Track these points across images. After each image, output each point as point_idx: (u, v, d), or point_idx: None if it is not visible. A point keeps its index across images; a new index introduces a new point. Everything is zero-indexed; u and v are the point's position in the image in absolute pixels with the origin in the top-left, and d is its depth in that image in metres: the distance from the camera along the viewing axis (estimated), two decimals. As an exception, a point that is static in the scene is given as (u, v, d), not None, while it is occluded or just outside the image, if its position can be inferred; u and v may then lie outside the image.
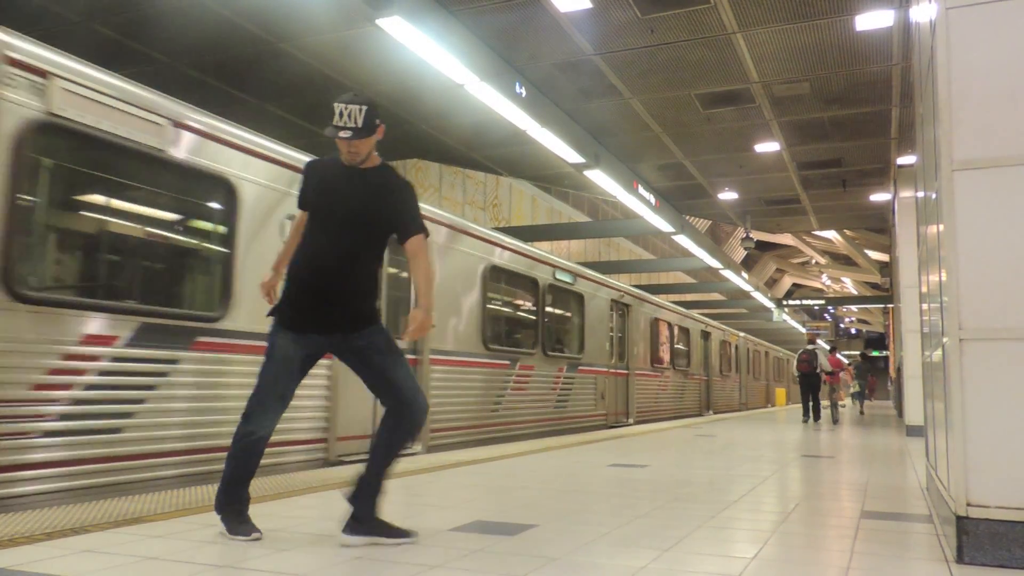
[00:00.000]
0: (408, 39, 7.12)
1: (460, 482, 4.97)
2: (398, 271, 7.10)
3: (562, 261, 11.06)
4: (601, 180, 11.73)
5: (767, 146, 12.52)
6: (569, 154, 10.45)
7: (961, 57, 3.01)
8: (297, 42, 9.09)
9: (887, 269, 25.30)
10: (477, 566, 2.72)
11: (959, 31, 3.03)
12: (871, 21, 8.18)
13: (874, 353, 49.99)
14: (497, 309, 9.23)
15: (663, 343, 15.89)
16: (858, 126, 11.51)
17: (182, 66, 9.86)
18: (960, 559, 2.84)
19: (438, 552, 2.92)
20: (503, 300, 9.52)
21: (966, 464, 2.85)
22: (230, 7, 8.26)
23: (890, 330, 24.15)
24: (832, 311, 52.10)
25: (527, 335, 10.02)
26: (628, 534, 3.35)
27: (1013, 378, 2.82)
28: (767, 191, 15.62)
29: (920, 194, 4.88)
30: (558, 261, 10.80)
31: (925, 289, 4.50)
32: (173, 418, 4.62)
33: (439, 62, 7.63)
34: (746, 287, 23.94)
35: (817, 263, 38.54)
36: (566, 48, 8.99)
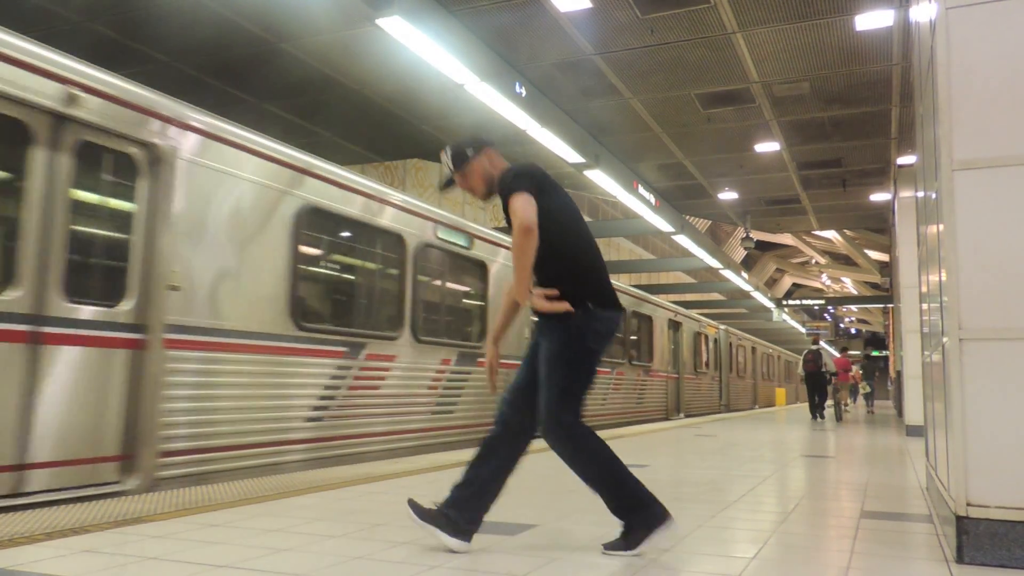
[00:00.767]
0: (408, 39, 7.13)
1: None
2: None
3: (450, 216, 8.13)
4: (601, 180, 11.73)
5: (767, 146, 12.53)
6: (569, 154, 10.46)
7: (961, 57, 3.01)
8: (297, 42, 9.09)
9: (887, 269, 25.32)
10: (477, 566, 2.72)
11: (959, 31, 3.03)
12: (871, 21, 8.18)
13: (874, 353, 50.02)
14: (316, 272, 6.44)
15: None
16: (858, 126, 11.52)
17: (182, 66, 9.86)
18: (960, 559, 2.84)
19: (438, 552, 2.92)
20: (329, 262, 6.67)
21: (966, 464, 2.85)
22: (230, 7, 8.26)
23: (890, 330, 24.13)
24: (832, 311, 52.11)
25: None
26: (628, 534, 3.34)
27: (1013, 378, 2.82)
28: (767, 191, 15.62)
29: (920, 194, 4.88)
30: (441, 215, 7.90)
31: (925, 289, 4.50)
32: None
33: (439, 62, 7.63)
34: (746, 287, 23.95)
35: (817, 263, 38.54)
36: (566, 48, 8.99)
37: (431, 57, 7.51)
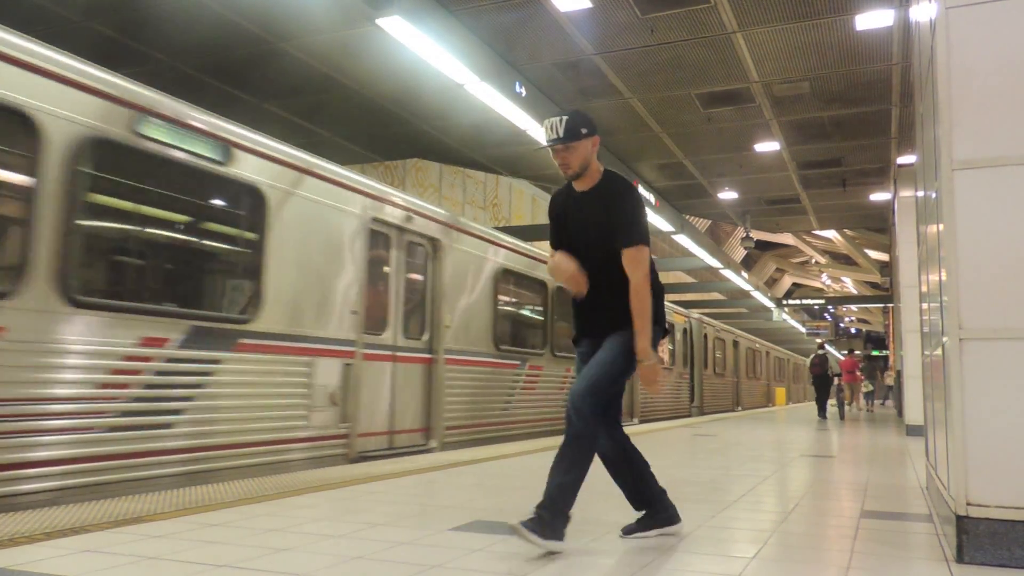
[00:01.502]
0: (408, 39, 7.13)
1: (461, 482, 4.97)
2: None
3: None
4: (601, 180, 11.70)
5: (767, 146, 12.52)
6: (569, 154, 10.43)
7: (961, 57, 3.01)
8: (297, 42, 9.09)
9: (887, 269, 25.30)
10: (477, 566, 2.72)
11: (959, 31, 3.03)
12: (871, 21, 8.18)
13: (874, 352, 50.00)
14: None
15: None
16: (858, 126, 11.52)
17: (182, 66, 9.86)
18: (960, 559, 2.84)
19: (438, 552, 2.92)
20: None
21: (966, 464, 2.85)
22: (230, 7, 8.26)
23: (890, 330, 24.13)
24: (832, 311, 52.09)
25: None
26: (628, 534, 3.34)
27: (1013, 378, 2.82)
28: (767, 191, 15.62)
29: (920, 194, 4.88)
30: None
31: (925, 289, 4.50)
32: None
33: (439, 62, 7.63)
34: (746, 287, 23.95)
35: (817, 263, 38.52)
36: (566, 48, 8.99)
37: (431, 57, 7.51)
